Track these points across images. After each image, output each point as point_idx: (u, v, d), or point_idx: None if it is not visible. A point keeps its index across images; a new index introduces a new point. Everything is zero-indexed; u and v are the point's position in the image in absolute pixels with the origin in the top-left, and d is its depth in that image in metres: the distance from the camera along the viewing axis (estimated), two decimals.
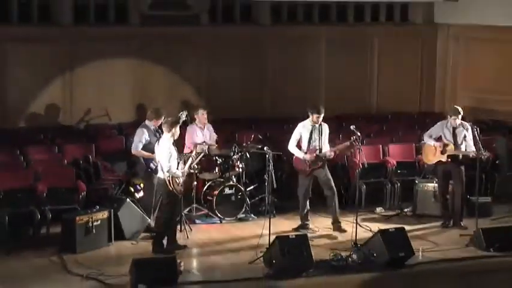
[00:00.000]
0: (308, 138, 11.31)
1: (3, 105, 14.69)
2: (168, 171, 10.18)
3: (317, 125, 11.32)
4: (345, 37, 17.16)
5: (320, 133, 11.32)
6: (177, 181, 10.25)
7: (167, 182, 10.19)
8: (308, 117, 11.36)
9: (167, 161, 10.20)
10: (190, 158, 10.79)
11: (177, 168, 10.30)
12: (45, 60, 14.88)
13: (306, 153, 11.26)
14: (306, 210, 11.44)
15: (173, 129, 10.36)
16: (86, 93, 15.19)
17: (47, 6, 15.14)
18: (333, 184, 11.35)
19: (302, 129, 11.39)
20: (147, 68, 15.61)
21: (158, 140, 10.90)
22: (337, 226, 11.36)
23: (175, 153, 10.36)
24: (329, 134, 11.53)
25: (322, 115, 11.28)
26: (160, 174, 10.34)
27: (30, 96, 14.86)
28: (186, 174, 10.54)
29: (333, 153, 11.38)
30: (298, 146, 11.40)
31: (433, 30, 17.86)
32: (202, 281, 9.27)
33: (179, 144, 11.03)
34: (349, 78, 17.05)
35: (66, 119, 15.15)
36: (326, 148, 11.34)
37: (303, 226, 11.43)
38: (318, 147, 11.30)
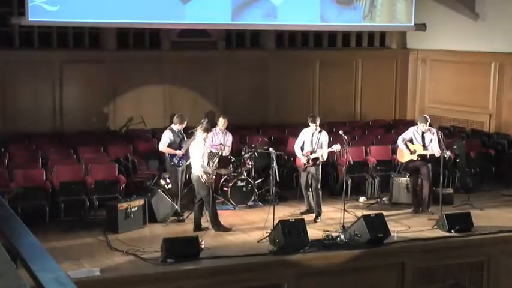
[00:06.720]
0: (309, 141, 10.99)
1: (60, 113, 14.59)
2: (202, 167, 10.03)
3: (316, 132, 10.94)
4: (335, 59, 17.01)
5: (318, 138, 10.94)
6: (208, 175, 10.11)
7: (200, 177, 10.05)
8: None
9: (201, 158, 10.07)
10: (216, 157, 10.67)
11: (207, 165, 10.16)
12: (94, 77, 14.77)
13: (303, 154, 11.01)
14: (307, 198, 11.16)
15: (206, 134, 10.21)
16: (126, 104, 15.09)
17: (96, 34, 15.07)
18: (317, 180, 10.93)
19: (304, 134, 11.10)
20: (175, 83, 15.48)
21: (181, 140, 10.79)
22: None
23: (206, 152, 10.24)
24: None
25: (318, 123, 10.93)
26: (194, 171, 10.14)
27: (82, 106, 14.77)
28: (214, 169, 10.38)
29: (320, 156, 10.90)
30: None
31: (406, 54, 17.71)
32: (219, 256, 9.15)
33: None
34: (338, 92, 16.89)
35: (111, 125, 15.08)
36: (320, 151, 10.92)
37: (310, 210, 11.10)
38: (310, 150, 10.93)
